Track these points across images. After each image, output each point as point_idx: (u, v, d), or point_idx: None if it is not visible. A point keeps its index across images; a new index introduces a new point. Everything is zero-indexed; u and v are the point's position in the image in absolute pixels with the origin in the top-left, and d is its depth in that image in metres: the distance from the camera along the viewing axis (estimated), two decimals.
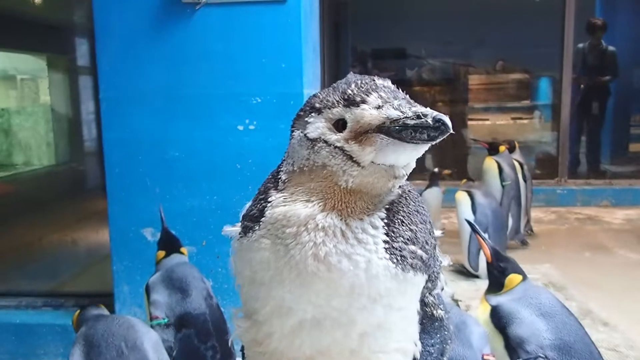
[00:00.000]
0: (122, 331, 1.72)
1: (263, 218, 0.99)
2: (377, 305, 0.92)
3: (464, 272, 3.64)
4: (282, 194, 0.99)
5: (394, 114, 0.88)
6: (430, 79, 7.37)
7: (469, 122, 7.30)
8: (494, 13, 6.86)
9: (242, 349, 1.15)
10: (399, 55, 7.51)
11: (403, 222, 0.95)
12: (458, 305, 3.08)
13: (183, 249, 2.32)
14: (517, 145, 4.55)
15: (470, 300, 3.08)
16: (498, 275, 1.97)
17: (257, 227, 0.99)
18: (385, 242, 0.92)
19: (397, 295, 0.93)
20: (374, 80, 0.95)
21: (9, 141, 5.31)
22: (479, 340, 1.71)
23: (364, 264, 0.90)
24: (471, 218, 3.52)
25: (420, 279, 0.97)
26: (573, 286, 3.41)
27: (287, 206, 0.96)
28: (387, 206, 0.96)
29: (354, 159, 0.92)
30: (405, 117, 0.87)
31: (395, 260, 0.91)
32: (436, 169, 4.63)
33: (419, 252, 0.94)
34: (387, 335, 0.96)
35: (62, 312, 3.05)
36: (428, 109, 0.88)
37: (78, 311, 2.05)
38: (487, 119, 7.60)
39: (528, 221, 4.58)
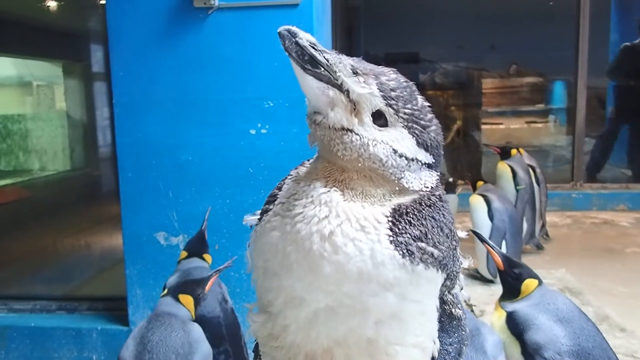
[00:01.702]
0: (176, 345, 1.79)
1: (279, 192, 1.00)
2: (389, 293, 0.90)
3: (478, 277, 3.60)
4: (302, 168, 1.02)
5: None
6: (444, 83, 7.31)
7: (483, 127, 7.25)
8: (507, 16, 6.81)
9: (255, 349, 1.14)
10: (411, 60, 7.47)
11: (411, 222, 0.93)
12: (472, 310, 3.04)
13: (207, 256, 2.31)
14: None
15: (484, 305, 3.04)
16: (513, 282, 1.94)
17: (272, 207, 0.99)
18: (389, 235, 0.90)
19: (409, 286, 0.91)
20: None
21: (25, 147, 5.37)
22: (494, 347, 1.69)
23: (368, 252, 0.89)
24: (488, 224, 3.48)
25: (435, 275, 0.94)
26: (589, 291, 3.36)
27: (301, 180, 0.98)
28: (394, 206, 0.95)
29: None
30: None
31: (401, 252, 0.89)
32: (451, 179, 4.66)
33: (429, 248, 0.92)
34: (403, 327, 0.94)
35: (76, 315, 3.07)
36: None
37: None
38: (501, 123, 7.54)
39: (543, 225, 4.52)
